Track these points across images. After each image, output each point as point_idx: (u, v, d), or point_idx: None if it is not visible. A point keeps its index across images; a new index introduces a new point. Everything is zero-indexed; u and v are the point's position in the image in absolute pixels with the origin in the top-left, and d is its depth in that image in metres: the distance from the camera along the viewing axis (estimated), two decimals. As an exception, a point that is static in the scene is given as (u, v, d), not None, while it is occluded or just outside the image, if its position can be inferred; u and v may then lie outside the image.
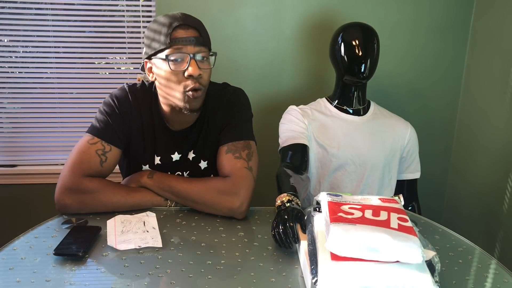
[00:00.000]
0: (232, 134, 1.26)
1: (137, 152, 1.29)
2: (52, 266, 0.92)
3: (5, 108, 1.93)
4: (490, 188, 1.76)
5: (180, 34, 1.14)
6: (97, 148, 1.20)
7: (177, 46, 1.14)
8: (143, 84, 1.31)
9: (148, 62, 1.22)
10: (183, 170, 1.32)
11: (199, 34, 1.17)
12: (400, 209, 0.90)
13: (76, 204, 1.15)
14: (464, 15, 1.91)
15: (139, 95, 1.27)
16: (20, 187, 1.98)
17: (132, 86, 1.29)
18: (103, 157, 1.20)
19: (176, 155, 1.30)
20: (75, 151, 1.20)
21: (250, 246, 1.03)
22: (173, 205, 1.23)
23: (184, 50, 1.14)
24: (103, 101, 1.27)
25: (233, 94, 1.32)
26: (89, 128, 1.24)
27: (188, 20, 1.17)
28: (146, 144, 1.28)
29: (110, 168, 1.23)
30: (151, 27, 1.19)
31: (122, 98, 1.26)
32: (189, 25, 1.16)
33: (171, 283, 0.87)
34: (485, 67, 1.83)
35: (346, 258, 0.79)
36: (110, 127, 1.22)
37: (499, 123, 1.71)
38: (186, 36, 1.14)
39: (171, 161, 1.30)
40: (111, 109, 1.24)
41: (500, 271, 0.94)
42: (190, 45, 1.14)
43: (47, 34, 1.86)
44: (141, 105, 1.26)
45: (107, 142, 1.21)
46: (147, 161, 1.30)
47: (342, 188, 1.52)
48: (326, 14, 1.88)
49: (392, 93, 1.97)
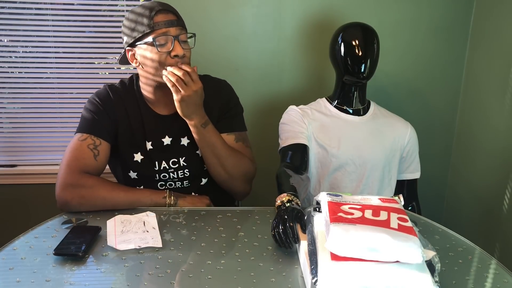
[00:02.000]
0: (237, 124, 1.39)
1: (126, 142, 1.33)
2: (52, 266, 0.92)
3: (5, 108, 1.93)
4: (490, 188, 1.76)
5: (161, 18, 1.22)
6: (88, 143, 1.25)
7: (160, 29, 1.21)
8: (122, 82, 1.38)
9: (130, 50, 1.28)
10: (178, 156, 1.34)
11: (176, 17, 1.26)
12: (400, 209, 0.90)
13: (76, 199, 1.17)
14: (464, 15, 1.91)
15: (120, 90, 1.35)
16: (20, 187, 1.98)
17: (112, 85, 1.37)
18: (95, 151, 1.25)
19: (167, 138, 1.34)
20: (68, 150, 1.26)
21: (250, 246, 1.03)
22: (171, 203, 1.24)
23: (168, 32, 1.22)
24: (87, 100, 1.35)
25: (227, 86, 1.42)
26: (78, 127, 1.31)
27: (165, 5, 1.26)
28: (135, 131, 1.33)
29: (103, 162, 1.28)
30: (129, 17, 1.27)
31: (103, 95, 1.34)
32: (168, 10, 1.25)
33: (171, 283, 0.87)
34: (485, 67, 1.83)
35: (346, 258, 0.79)
36: (97, 122, 1.29)
37: (499, 123, 1.71)
38: (168, 20, 1.22)
39: (163, 145, 1.34)
40: (94, 106, 1.31)
41: (500, 271, 0.94)
42: (172, 27, 1.22)
43: (47, 34, 1.86)
44: (124, 98, 1.34)
45: (96, 136, 1.27)
46: (139, 148, 1.33)
47: (342, 188, 1.52)
48: (326, 14, 1.88)
49: (392, 93, 1.97)
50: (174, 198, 1.25)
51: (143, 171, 1.33)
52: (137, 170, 1.34)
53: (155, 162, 1.33)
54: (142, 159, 1.33)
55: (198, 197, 1.32)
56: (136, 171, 1.34)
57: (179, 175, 1.35)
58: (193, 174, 1.36)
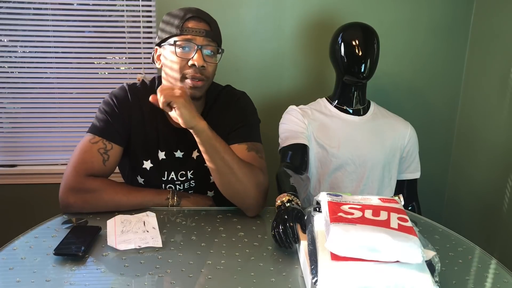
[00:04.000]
0: (250, 134, 1.29)
1: (138, 148, 1.29)
2: (52, 266, 0.92)
3: (5, 108, 1.93)
4: (491, 186, 1.76)
5: (192, 24, 1.19)
6: (99, 147, 1.22)
7: (186, 35, 1.18)
8: (143, 83, 1.33)
9: (158, 49, 1.26)
10: (186, 169, 1.32)
11: (209, 28, 1.21)
12: (400, 209, 0.90)
13: (79, 203, 1.17)
14: (464, 15, 1.91)
15: (139, 93, 1.29)
16: (20, 187, 1.98)
17: (132, 85, 1.31)
18: (105, 155, 1.22)
19: (178, 152, 1.30)
20: (77, 151, 1.22)
21: (250, 246, 1.03)
22: (174, 204, 1.24)
23: (193, 40, 1.18)
24: (103, 100, 1.29)
25: (243, 97, 1.36)
26: (90, 128, 1.25)
27: (203, 14, 1.23)
28: (149, 139, 1.29)
29: (112, 166, 1.25)
30: (166, 17, 1.24)
31: (121, 97, 1.27)
32: (202, 18, 1.21)
33: (171, 283, 0.87)
34: (485, 67, 1.83)
35: (346, 258, 0.79)
36: (110, 125, 1.24)
37: (499, 122, 1.71)
38: (197, 28, 1.19)
39: (174, 157, 1.31)
40: (110, 108, 1.26)
41: (500, 271, 0.94)
42: (200, 36, 1.18)
43: (47, 34, 1.86)
44: (142, 102, 1.28)
45: (108, 141, 1.23)
46: (150, 156, 1.30)
47: (342, 188, 1.52)
48: (326, 14, 1.88)
49: (392, 93, 1.97)
50: (177, 198, 1.25)
51: (151, 179, 1.32)
52: (144, 177, 1.32)
53: (164, 172, 1.31)
54: (151, 167, 1.30)
55: (201, 197, 1.32)
56: (144, 178, 1.33)
57: (185, 186, 1.33)
58: (199, 186, 1.34)
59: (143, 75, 1.31)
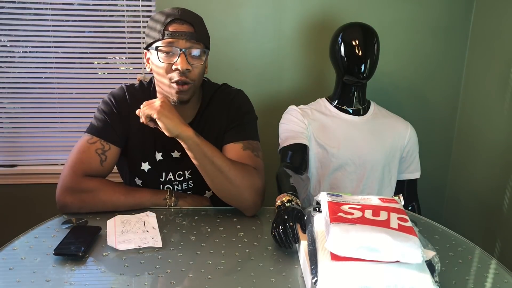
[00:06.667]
0: (245, 133, 1.28)
1: (136, 149, 1.29)
2: (52, 266, 0.92)
3: (5, 108, 1.93)
4: (491, 187, 1.76)
5: (173, 28, 1.17)
6: (97, 147, 1.21)
7: (169, 40, 1.16)
8: (141, 84, 1.33)
9: (147, 52, 1.25)
10: (184, 169, 1.32)
11: (193, 30, 1.18)
12: (400, 209, 0.90)
13: (76, 203, 1.17)
14: (464, 15, 1.91)
15: (138, 93, 1.29)
16: (20, 187, 1.98)
17: (130, 85, 1.31)
18: (103, 156, 1.22)
19: (176, 153, 1.30)
20: (75, 151, 1.21)
21: (250, 246, 1.03)
22: (171, 204, 1.24)
23: (175, 44, 1.16)
24: (101, 100, 1.29)
25: (238, 95, 1.34)
26: (88, 128, 1.25)
27: (185, 15, 1.19)
28: (146, 140, 1.29)
29: (110, 167, 1.25)
30: (152, 18, 1.23)
31: (120, 97, 1.27)
32: (185, 20, 1.18)
33: (171, 283, 0.87)
34: (485, 67, 1.83)
35: (346, 258, 0.79)
36: (109, 126, 1.24)
37: (499, 122, 1.71)
38: (180, 31, 1.16)
39: (172, 158, 1.31)
40: (108, 108, 1.26)
41: (500, 271, 0.94)
42: (182, 39, 1.16)
43: (47, 34, 1.86)
44: (140, 103, 1.27)
45: (106, 141, 1.23)
46: (148, 158, 1.30)
47: (342, 188, 1.52)
48: (326, 14, 1.88)
49: (392, 93, 1.97)
50: (174, 198, 1.25)
51: (149, 180, 1.32)
52: (142, 178, 1.32)
53: (162, 173, 1.31)
54: (149, 169, 1.30)
55: (198, 198, 1.32)
56: (142, 179, 1.33)
57: (183, 187, 1.33)
58: (197, 186, 1.34)
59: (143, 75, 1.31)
